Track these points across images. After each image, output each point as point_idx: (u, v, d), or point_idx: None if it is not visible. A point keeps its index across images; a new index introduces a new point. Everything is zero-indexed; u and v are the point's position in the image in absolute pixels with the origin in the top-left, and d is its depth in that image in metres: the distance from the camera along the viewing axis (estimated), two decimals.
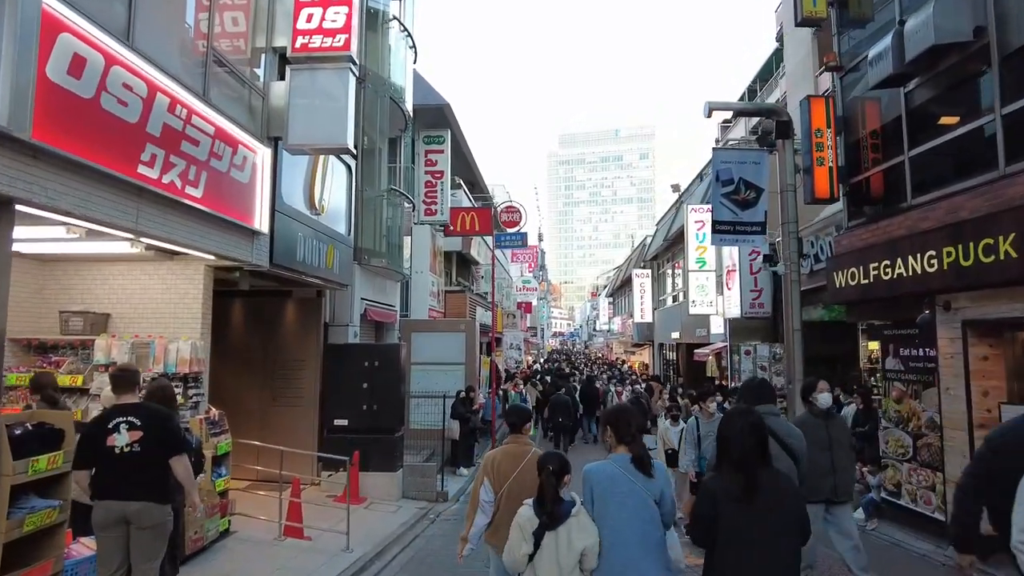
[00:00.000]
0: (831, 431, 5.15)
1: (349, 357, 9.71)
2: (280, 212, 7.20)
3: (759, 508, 2.88)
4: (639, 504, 3.21)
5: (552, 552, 3.23)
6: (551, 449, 4.23)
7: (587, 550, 3.20)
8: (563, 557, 3.21)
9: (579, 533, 3.22)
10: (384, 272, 12.03)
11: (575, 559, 3.20)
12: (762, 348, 13.66)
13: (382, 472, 9.40)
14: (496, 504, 3.98)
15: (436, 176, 16.41)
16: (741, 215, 8.57)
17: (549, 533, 3.25)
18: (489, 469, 4.04)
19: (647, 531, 3.21)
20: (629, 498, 3.21)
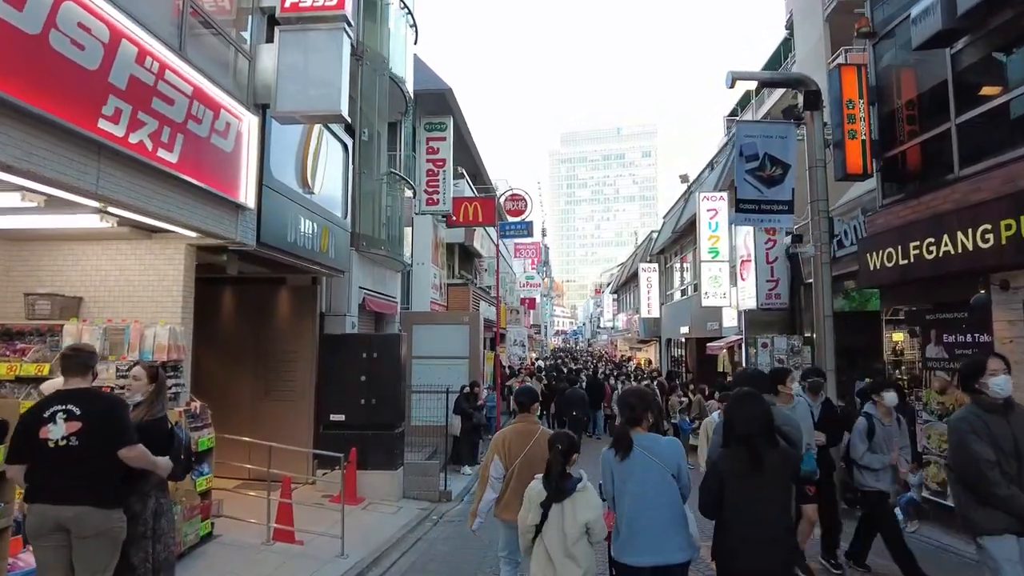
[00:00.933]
0: (1016, 429, 3.55)
1: (346, 348, 9.11)
2: (268, 187, 6.61)
3: (765, 480, 3.17)
4: (658, 479, 3.36)
5: (558, 522, 3.48)
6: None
7: (591, 523, 3.45)
8: (568, 527, 3.46)
9: (584, 507, 3.47)
10: (384, 261, 11.44)
11: (579, 530, 3.45)
12: (779, 340, 13.03)
13: (381, 471, 8.81)
14: (506, 481, 4.22)
15: (438, 164, 15.84)
16: (766, 193, 7.98)
17: (556, 505, 3.49)
18: (499, 447, 4.30)
19: (667, 504, 3.36)
20: (647, 474, 3.37)
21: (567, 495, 3.50)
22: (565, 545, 3.46)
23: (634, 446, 3.41)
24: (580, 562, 3.47)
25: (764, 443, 3.24)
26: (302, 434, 9.05)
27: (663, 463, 3.39)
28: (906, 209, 7.03)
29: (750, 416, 3.30)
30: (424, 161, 15.90)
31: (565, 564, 3.46)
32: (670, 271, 26.10)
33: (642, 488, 3.37)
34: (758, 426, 3.26)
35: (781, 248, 13.85)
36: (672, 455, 3.44)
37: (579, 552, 3.48)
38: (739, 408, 3.39)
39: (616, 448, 3.47)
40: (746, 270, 14.62)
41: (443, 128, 16.07)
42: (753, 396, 3.45)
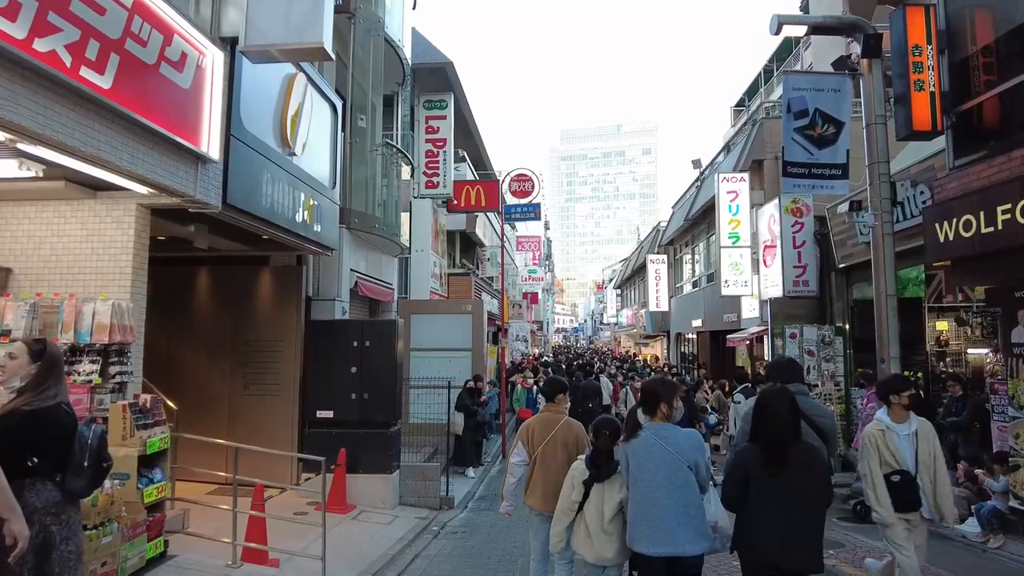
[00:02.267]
0: None
1: (334, 335, 8.06)
2: (238, 139, 5.55)
3: (788, 476, 3.17)
4: (672, 469, 3.38)
5: (597, 501, 3.71)
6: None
7: (625, 502, 3.59)
8: (606, 506, 3.69)
9: (621, 487, 3.65)
10: (379, 243, 10.39)
11: (615, 508, 3.67)
12: (809, 331, 11.98)
13: (374, 474, 7.77)
14: (530, 467, 4.37)
15: (438, 145, 14.76)
16: (817, 155, 6.94)
17: (596, 485, 3.72)
18: (524, 434, 4.49)
19: (681, 496, 3.37)
20: (663, 465, 3.39)
21: (608, 476, 3.73)
22: (602, 522, 3.69)
23: (649, 435, 3.48)
24: (615, 538, 3.69)
25: (791, 439, 3.26)
26: (285, 433, 8.01)
27: (678, 454, 3.41)
28: (990, 168, 5.98)
29: (779, 412, 3.28)
30: (423, 141, 14.84)
31: (601, 538, 3.70)
32: (679, 263, 25.07)
33: (655, 477, 3.41)
34: (787, 423, 3.27)
35: (809, 231, 12.81)
36: (689, 447, 3.46)
37: (615, 529, 3.69)
38: (769, 403, 3.37)
39: (624, 430, 3.62)
40: (770, 256, 13.58)
41: (443, 106, 14.99)
42: (784, 391, 3.46)
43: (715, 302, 18.41)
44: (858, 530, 7.16)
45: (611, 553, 3.68)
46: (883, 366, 6.35)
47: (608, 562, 3.73)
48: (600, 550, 3.70)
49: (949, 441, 7.69)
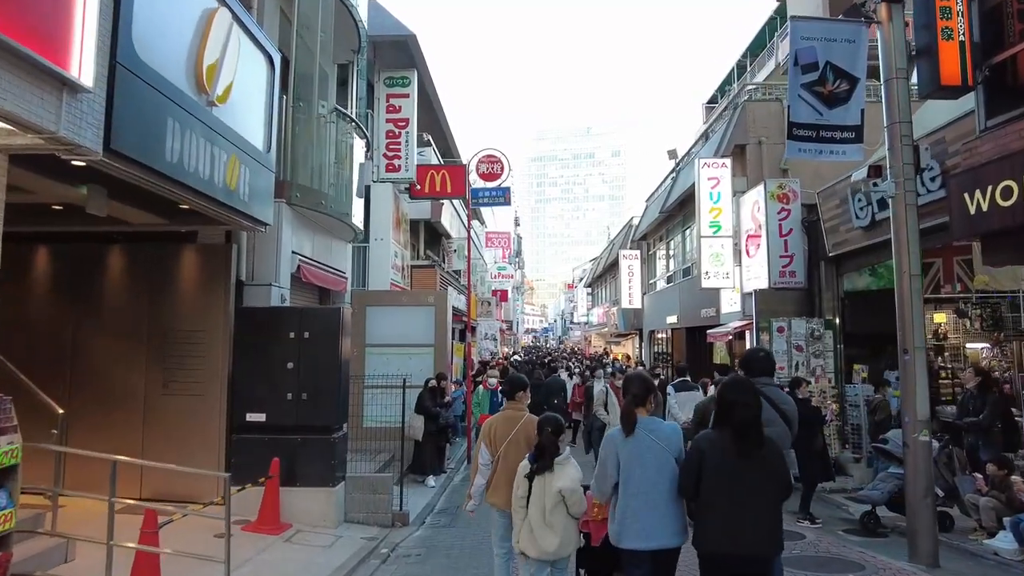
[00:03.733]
0: None
1: (268, 325, 6.92)
2: (130, 70, 4.38)
3: (747, 466, 3.19)
4: (661, 463, 3.40)
5: (539, 493, 3.77)
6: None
7: (564, 490, 3.70)
8: (546, 496, 3.74)
9: (560, 476, 3.75)
10: (329, 225, 9.24)
11: (555, 498, 3.71)
12: (797, 324, 11.18)
13: (314, 487, 6.66)
14: (493, 465, 4.41)
15: (400, 125, 13.65)
16: (827, 114, 6.05)
17: (537, 478, 3.80)
18: (487, 433, 4.51)
19: (669, 488, 3.38)
20: (654, 459, 3.40)
21: (548, 468, 3.75)
22: (544, 514, 3.71)
23: (640, 430, 3.45)
24: (557, 531, 3.69)
25: (753, 429, 3.25)
26: (210, 438, 6.85)
27: (667, 446, 3.45)
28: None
29: (743, 401, 3.30)
30: (384, 121, 13.72)
31: (543, 531, 3.70)
32: (653, 258, 24.30)
33: (646, 471, 3.41)
34: (750, 411, 3.27)
35: (796, 218, 12.03)
36: (676, 438, 3.51)
37: (556, 521, 3.71)
38: (732, 392, 3.39)
39: (622, 425, 3.51)
40: (754, 245, 12.76)
41: (406, 83, 13.88)
42: (746, 382, 3.56)
43: (692, 297, 17.60)
44: (871, 545, 6.27)
45: (552, 547, 3.70)
46: (907, 358, 5.46)
47: (550, 556, 3.73)
48: (542, 544, 3.70)
49: (968, 443, 6.87)
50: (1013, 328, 10.30)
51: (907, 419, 5.41)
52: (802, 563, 5.58)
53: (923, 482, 5.29)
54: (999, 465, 6.08)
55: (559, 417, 4.01)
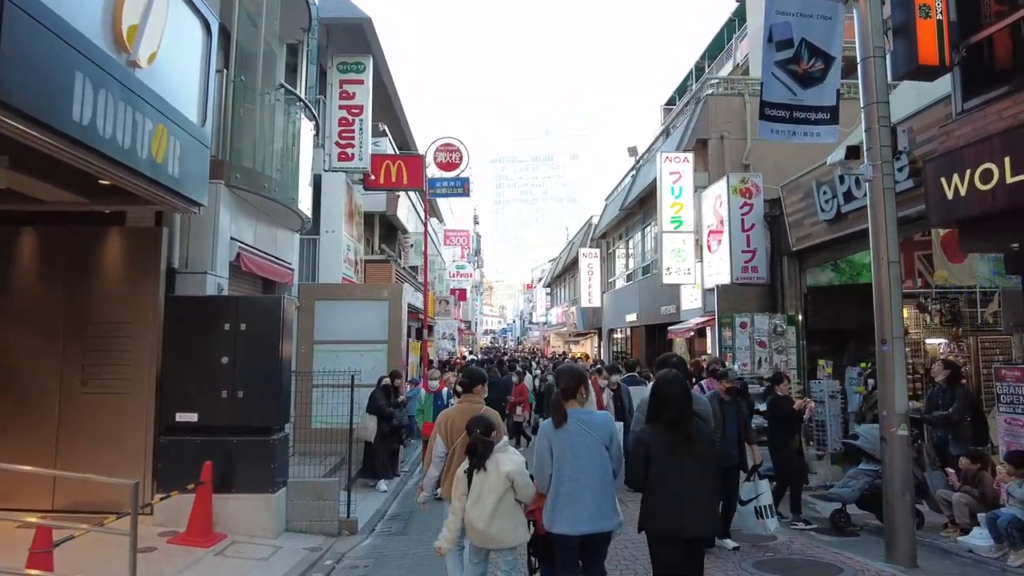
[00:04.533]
0: None
1: (202, 316, 6.29)
2: (24, 9, 3.76)
3: (686, 452, 3.46)
4: (593, 451, 3.57)
5: (478, 489, 3.71)
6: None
7: (512, 474, 3.68)
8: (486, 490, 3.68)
9: (505, 461, 3.74)
10: (274, 211, 8.63)
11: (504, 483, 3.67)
12: (760, 320, 11.04)
13: (251, 494, 6.06)
14: (447, 459, 4.29)
15: (353, 112, 13.06)
16: (802, 94, 5.78)
17: (478, 474, 3.74)
18: (442, 426, 4.40)
19: (600, 475, 3.55)
20: (584, 446, 3.56)
21: (482, 466, 3.73)
22: (487, 507, 3.67)
23: (572, 420, 3.60)
24: (499, 521, 3.66)
25: (689, 418, 3.57)
26: (135, 441, 6.21)
27: (597, 435, 3.60)
28: (1018, 105, 4.93)
29: (678, 394, 3.58)
30: (336, 108, 13.10)
31: (486, 522, 3.65)
32: (612, 256, 24.15)
33: (579, 460, 3.53)
34: (685, 403, 3.58)
35: (759, 213, 11.90)
36: (606, 426, 3.67)
37: (500, 511, 3.68)
38: (667, 387, 3.63)
39: (553, 417, 3.67)
40: (715, 240, 12.59)
41: (360, 69, 13.28)
42: (679, 377, 3.77)
43: (652, 294, 17.44)
44: (844, 545, 6.02)
45: (495, 531, 3.68)
46: (885, 348, 5.22)
47: (494, 543, 3.73)
48: (486, 531, 3.68)
49: (936, 438, 6.71)
50: (970, 323, 10.33)
51: (885, 413, 5.16)
52: (777, 566, 5.28)
53: (901, 479, 5.05)
54: (972, 459, 5.90)
55: (486, 418, 4.01)
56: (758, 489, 5.80)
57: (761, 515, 5.71)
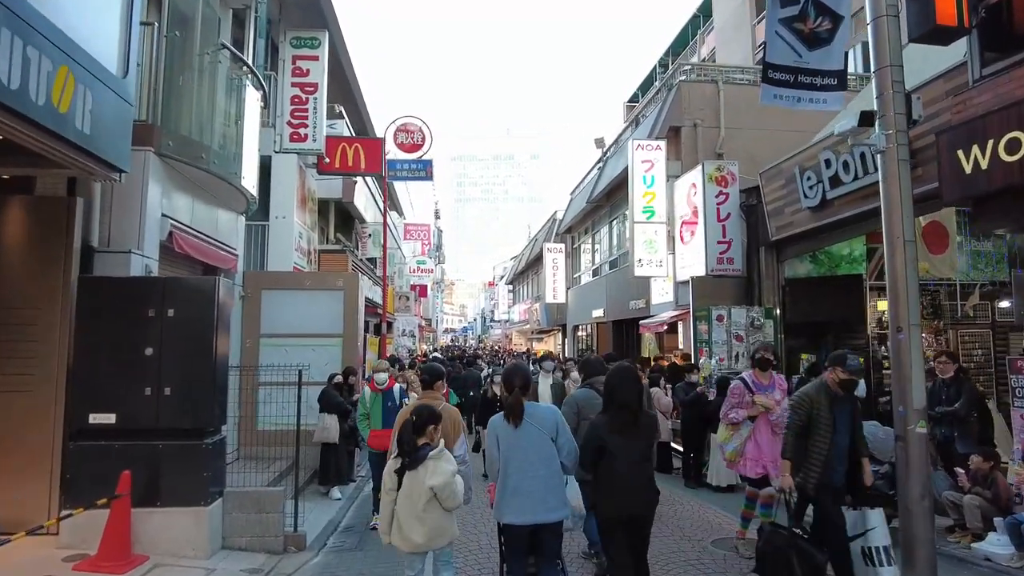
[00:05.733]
0: None
1: (122, 300, 5.40)
2: None
3: (634, 438, 3.74)
4: (539, 444, 3.67)
5: (408, 489, 3.65)
6: None
7: (437, 488, 3.59)
8: (415, 492, 3.62)
9: (432, 473, 3.61)
10: (215, 188, 7.72)
11: (427, 495, 3.60)
12: (737, 313, 10.56)
13: (180, 507, 5.20)
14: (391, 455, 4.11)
15: (307, 90, 12.11)
16: (807, 56, 5.22)
17: (409, 472, 3.66)
18: (399, 423, 4.28)
19: (546, 467, 3.65)
20: (530, 439, 3.66)
21: (419, 463, 3.64)
22: (415, 509, 3.61)
23: None
24: (426, 524, 3.61)
25: (639, 407, 3.82)
26: (40, 447, 5.28)
27: (543, 428, 3.69)
28: None
29: (630, 386, 3.82)
30: (289, 85, 12.13)
31: (412, 524, 3.61)
32: (578, 252, 23.63)
33: (526, 453, 3.64)
34: (635, 394, 3.81)
35: (735, 202, 11.45)
36: (551, 419, 3.75)
37: (427, 516, 3.62)
38: (619, 379, 3.88)
39: (509, 416, 3.72)
40: (689, 231, 12.11)
41: (315, 44, 12.34)
42: (629, 368, 4.02)
43: (620, 289, 16.95)
44: None
45: (421, 539, 3.63)
46: (901, 337, 4.69)
47: (419, 548, 3.68)
48: (410, 536, 3.63)
49: (941, 435, 6.25)
50: (951, 317, 10.06)
51: (900, 409, 4.64)
52: None
53: (920, 482, 4.53)
54: (985, 458, 5.45)
55: (430, 407, 3.92)
56: (867, 522, 4.52)
57: (872, 559, 4.44)
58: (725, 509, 7.31)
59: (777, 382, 5.77)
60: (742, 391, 5.67)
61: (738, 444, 5.61)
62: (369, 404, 6.86)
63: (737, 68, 14.32)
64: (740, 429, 5.64)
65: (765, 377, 5.72)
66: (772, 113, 13.28)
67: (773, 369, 5.85)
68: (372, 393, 6.91)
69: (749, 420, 5.62)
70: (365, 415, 6.86)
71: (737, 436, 5.65)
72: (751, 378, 5.75)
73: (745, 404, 5.64)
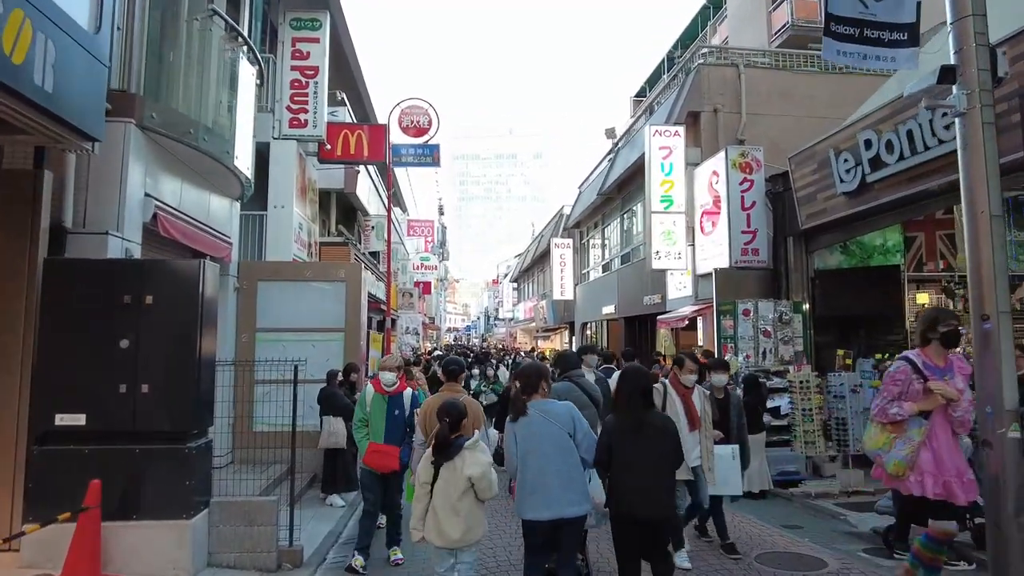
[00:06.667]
0: None
1: (93, 285, 4.77)
2: None
3: (646, 439, 3.70)
4: (556, 439, 3.70)
5: (446, 478, 3.65)
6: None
7: (474, 478, 3.61)
8: (455, 481, 3.63)
9: (470, 463, 3.64)
10: (205, 168, 7.10)
11: (464, 484, 3.62)
12: (764, 307, 9.90)
13: (160, 520, 4.58)
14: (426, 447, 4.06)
15: (308, 74, 11.55)
16: (875, 7, 4.59)
17: (446, 464, 3.67)
18: (423, 417, 4.55)
19: (564, 462, 3.67)
20: (547, 436, 3.70)
21: (455, 454, 3.66)
22: (452, 500, 3.62)
23: (533, 411, 3.75)
24: (464, 517, 3.63)
25: (644, 408, 3.78)
26: (0, 450, 4.64)
27: (560, 424, 3.72)
28: None
29: (635, 387, 3.83)
30: (288, 68, 11.56)
31: (449, 517, 3.61)
32: (586, 247, 22.99)
33: (542, 448, 3.68)
34: (640, 395, 3.79)
35: (760, 190, 10.81)
36: (567, 415, 3.77)
37: (463, 507, 3.63)
38: (627, 380, 3.93)
39: (510, 412, 3.87)
40: (710, 221, 11.47)
41: (316, 26, 11.77)
42: (639, 370, 4.08)
43: (633, 284, 16.31)
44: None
45: (457, 533, 3.62)
46: (987, 326, 4.06)
47: (456, 544, 3.65)
48: (446, 529, 3.61)
49: None
50: None
51: (988, 410, 4.01)
52: None
53: (1015, 495, 3.91)
54: None
55: (459, 405, 3.89)
56: None
57: None
58: (762, 519, 6.71)
59: (956, 364, 4.20)
60: (907, 376, 4.14)
61: (907, 452, 4.04)
62: (370, 408, 5.41)
63: (758, 51, 13.68)
64: (906, 430, 4.10)
65: (940, 357, 4.18)
66: (796, 98, 12.72)
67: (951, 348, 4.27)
68: (376, 395, 5.42)
69: (920, 418, 4.10)
70: (363, 421, 5.42)
71: (904, 441, 4.09)
72: (921, 358, 4.19)
73: (913, 394, 4.11)
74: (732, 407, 5.80)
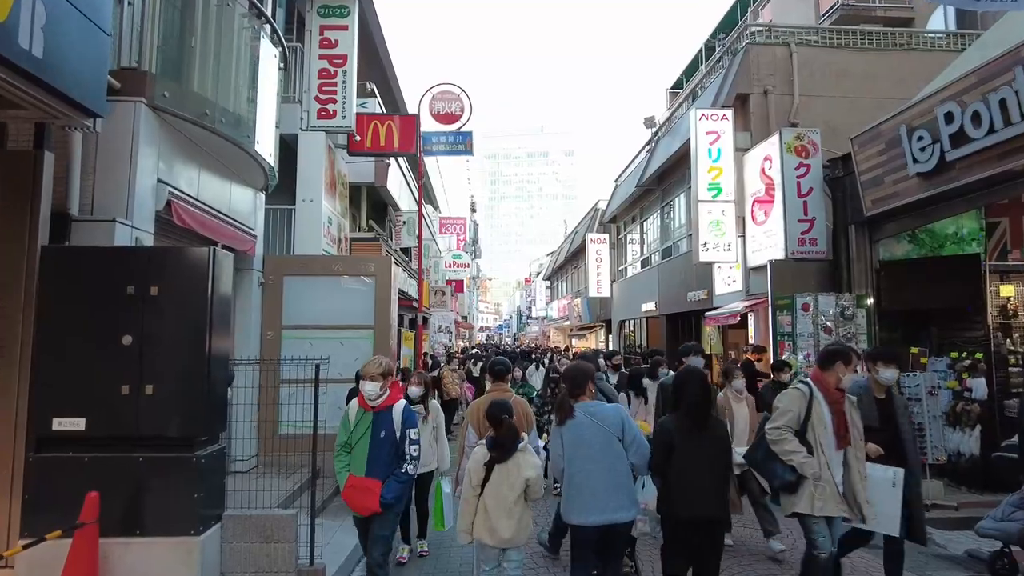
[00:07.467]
0: None
1: (94, 276, 4.32)
2: None
3: (704, 440, 3.69)
4: (604, 443, 3.62)
5: (500, 480, 3.68)
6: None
7: (530, 480, 3.69)
8: (510, 483, 3.67)
9: (525, 465, 3.71)
10: (226, 154, 6.68)
11: (520, 486, 3.68)
12: (825, 301, 9.11)
13: (167, 536, 4.10)
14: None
15: (336, 63, 11.13)
16: None
17: (499, 466, 3.69)
18: (473, 415, 4.51)
19: (612, 466, 3.60)
20: (594, 438, 3.62)
21: (510, 456, 3.69)
22: (507, 502, 3.65)
23: (580, 413, 3.68)
24: (514, 518, 3.65)
25: (706, 409, 3.76)
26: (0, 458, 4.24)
27: (608, 427, 3.64)
28: None
29: (695, 387, 3.79)
30: (316, 57, 11.16)
31: (501, 518, 3.64)
32: (623, 243, 22.24)
33: (589, 451, 3.60)
34: (701, 395, 3.76)
35: (817, 176, 10.02)
36: (615, 418, 3.69)
37: (515, 508, 3.66)
38: (686, 381, 3.87)
39: (556, 414, 3.77)
40: (762, 210, 10.71)
41: (344, 13, 11.36)
42: (697, 371, 4.02)
43: (675, 279, 15.55)
44: None
45: (509, 534, 3.64)
46: None
47: (507, 543, 3.66)
48: (501, 531, 3.63)
49: None
50: None
51: None
52: None
53: None
54: None
55: (507, 403, 3.90)
56: None
57: None
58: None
59: None
60: None
61: None
62: (352, 428, 4.27)
63: (811, 28, 12.79)
64: None
65: None
66: (853, 77, 11.84)
67: None
68: (360, 411, 4.30)
69: None
70: (345, 447, 4.25)
71: None
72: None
73: None
74: (898, 413, 4.48)
